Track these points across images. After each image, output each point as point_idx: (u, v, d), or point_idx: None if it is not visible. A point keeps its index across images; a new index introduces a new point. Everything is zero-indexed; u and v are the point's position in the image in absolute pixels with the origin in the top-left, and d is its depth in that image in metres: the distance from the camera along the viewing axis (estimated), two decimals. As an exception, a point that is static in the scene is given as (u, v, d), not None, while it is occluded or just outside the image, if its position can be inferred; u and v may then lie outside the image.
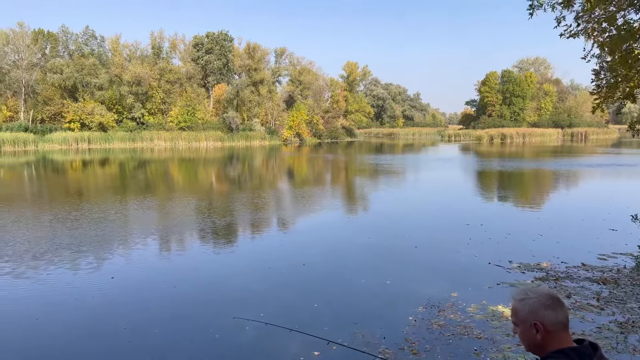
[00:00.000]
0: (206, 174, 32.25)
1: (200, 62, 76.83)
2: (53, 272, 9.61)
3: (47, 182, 27.14)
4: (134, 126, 67.10)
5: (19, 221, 14.83)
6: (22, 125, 59.86)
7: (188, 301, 8.06)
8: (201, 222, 14.53)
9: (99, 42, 73.67)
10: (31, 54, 63.95)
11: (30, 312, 7.55)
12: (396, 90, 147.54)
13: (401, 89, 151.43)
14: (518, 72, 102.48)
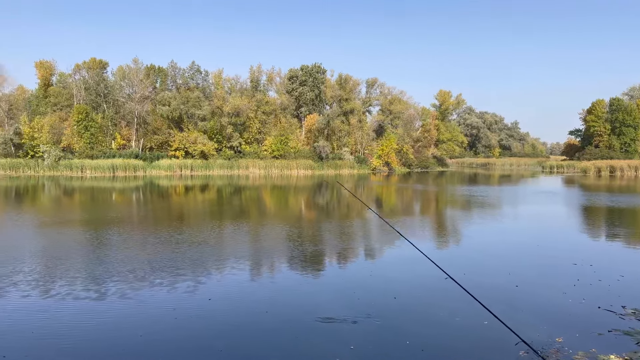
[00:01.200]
0: (296, 202, 32.95)
1: (294, 94, 79.79)
2: (155, 291, 10.19)
3: (153, 206, 29.27)
4: (232, 154, 70.86)
5: (127, 242, 16.05)
6: (133, 152, 65.74)
7: (279, 327, 8.11)
8: (291, 249, 14.74)
9: (203, 76, 79.43)
10: (143, 88, 70.46)
11: (134, 329, 8.02)
12: (492, 118, 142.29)
13: (497, 118, 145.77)
14: (629, 100, 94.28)
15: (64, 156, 61.69)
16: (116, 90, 70.74)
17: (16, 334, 7.77)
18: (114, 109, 69.29)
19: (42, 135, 61.90)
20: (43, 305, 9.23)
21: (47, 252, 14.06)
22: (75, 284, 10.61)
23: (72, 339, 7.57)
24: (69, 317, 8.56)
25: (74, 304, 9.30)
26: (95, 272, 11.66)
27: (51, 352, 7.09)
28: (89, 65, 72.24)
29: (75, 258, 13.23)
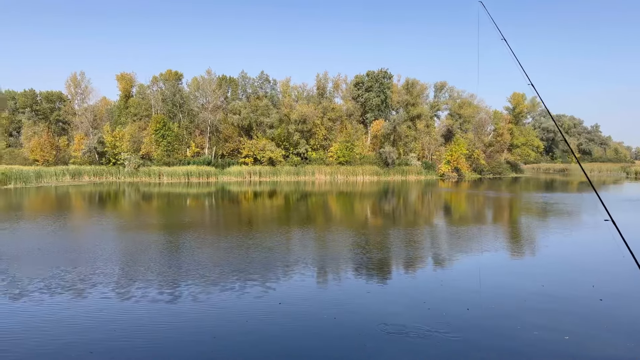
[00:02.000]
0: (362, 208, 32.79)
1: (360, 100, 79.76)
2: (227, 295, 10.47)
3: (224, 211, 30.27)
4: (299, 161, 71.94)
5: (200, 246, 16.68)
6: (206, 159, 68.55)
7: (348, 334, 8.04)
8: (358, 256, 14.64)
9: (272, 85, 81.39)
10: (216, 98, 73.32)
11: (207, 332, 8.28)
12: (570, 122, 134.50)
13: (576, 121, 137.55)
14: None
15: (143, 163, 65.48)
16: (191, 101, 74.16)
17: (100, 332, 8.26)
18: (189, 118, 72.63)
19: (123, 143, 66.10)
20: (122, 306, 9.76)
21: (126, 255, 14.91)
22: (151, 286, 11.14)
23: (148, 339, 7.93)
24: (146, 318, 8.99)
25: (150, 305, 9.75)
26: (169, 275, 12.19)
27: (130, 351, 7.46)
28: (165, 77, 76.29)
29: (152, 261, 13.91)
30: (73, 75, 75.27)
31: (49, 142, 69.45)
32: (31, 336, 8.03)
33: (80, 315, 9.08)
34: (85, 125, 71.29)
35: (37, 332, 8.21)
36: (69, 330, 8.31)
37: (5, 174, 50.60)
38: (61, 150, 70.73)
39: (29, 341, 7.81)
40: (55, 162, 67.48)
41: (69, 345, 7.64)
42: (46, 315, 9.09)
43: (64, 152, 70.50)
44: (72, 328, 8.43)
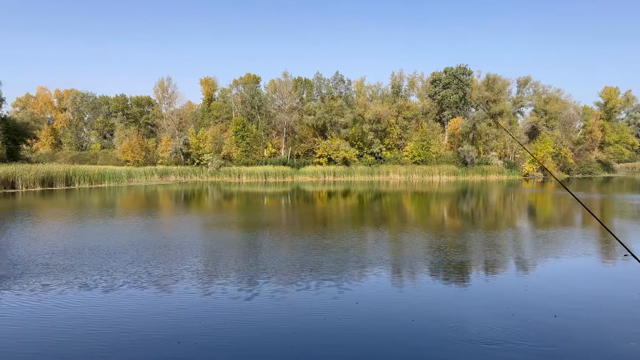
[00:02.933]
0: (438, 208, 31.94)
1: (437, 97, 77.83)
2: (304, 293, 10.62)
3: (299, 210, 30.78)
4: (373, 160, 71.57)
5: (277, 244, 17.07)
6: (282, 159, 70.21)
7: (425, 338, 7.85)
8: (436, 257, 14.27)
9: (346, 85, 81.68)
10: (292, 99, 74.83)
11: (288, 326, 8.44)
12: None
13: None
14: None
15: (224, 164, 68.34)
16: (268, 103, 76.31)
17: (185, 327, 8.69)
18: (266, 120, 74.76)
19: (206, 145, 69.38)
20: (204, 300, 10.20)
21: (209, 251, 15.58)
22: (230, 283, 11.55)
23: (230, 333, 8.22)
24: (228, 314, 9.32)
25: (231, 302, 10.10)
26: (248, 272, 12.58)
27: (215, 344, 7.77)
28: (244, 81, 79.06)
29: (232, 258, 14.44)
30: (161, 80, 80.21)
31: (138, 144, 74.40)
32: (119, 328, 8.61)
33: (166, 309, 9.60)
34: (172, 128, 75.58)
35: (125, 324, 8.78)
36: (155, 323, 8.81)
37: (100, 174, 54.91)
38: (150, 151, 75.52)
39: (116, 333, 8.38)
40: (145, 163, 72.17)
41: (155, 337, 8.09)
42: (134, 308, 9.71)
43: (153, 153, 75.20)
44: (157, 321, 8.93)
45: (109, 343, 7.75)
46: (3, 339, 7.98)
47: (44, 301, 9.98)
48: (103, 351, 7.43)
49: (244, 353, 7.37)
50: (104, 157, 79.79)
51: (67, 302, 9.94)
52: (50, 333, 8.20)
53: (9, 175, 44.61)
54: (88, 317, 9.00)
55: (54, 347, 7.61)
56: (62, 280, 11.63)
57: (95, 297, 10.28)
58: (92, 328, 8.41)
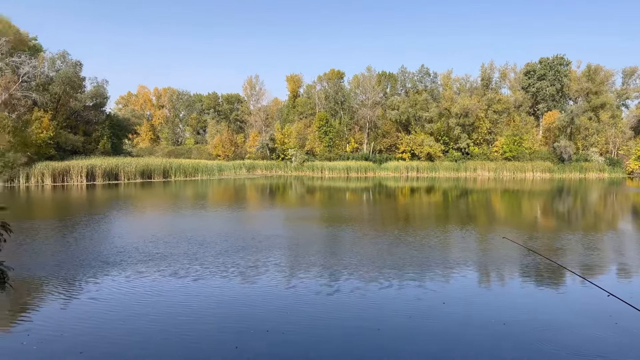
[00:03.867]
0: (531, 208, 30.07)
1: (531, 90, 73.42)
2: (386, 291, 10.44)
3: (381, 206, 30.47)
4: (459, 156, 69.12)
5: (359, 241, 17.01)
6: (363, 155, 70.00)
7: (517, 346, 7.38)
8: (526, 259, 13.40)
9: (432, 79, 79.51)
10: (375, 94, 74.26)
11: (371, 323, 8.37)
12: None
13: None
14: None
15: (307, 158, 69.53)
16: (351, 98, 76.37)
17: (272, 319, 8.88)
18: (349, 115, 74.89)
19: (291, 140, 70.98)
20: (287, 294, 10.37)
21: (292, 244, 15.87)
22: (313, 277, 11.64)
23: (314, 329, 8.27)
24: (309, 309, 9.40)
25: (312, 297, 10.18)
26: (330, 267, 12.61)
27: (302, 336, 7.87)
28: (328, 77, 79.72)
29: (314, 252, 14.58)
30: (249, 78, 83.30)
31: (228, 140, 77.84)
32: (205, 316, 8.98)
33: (251, 300, 9.89)
34: (259, 124, 78.20)
35: (214, 312, 9.16)
36: (241, 312, 9.10)
37: (194, 167, 58.21)
38: (238, 146, 78.73)
39: (203, 320, 8.75)
40: (234, 157, 75.39)
41: (242, 326, 8.35)
42: (221, 297, 10.10)
43: (241, 148, 78.34)
44: (244, 311, 9.22)
45: (197, 330, 8.12)
46: (107, 321, 8.65)
47: (138, 288, 10.70)
48: (192, 339, 7.79)
49: (330, 348, 7.38)
50: (197, 151, 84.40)
51: (160, 289, 10.58)
52: (146, 319, 8.76)
53: (113, 168, 48.68)
54: (178, 305, 9.50)
55: (147, 332, 8.12)
56: (156, 267, 12.41)
57: (186, 285, 10.84)
58: (183, 316, 8.87)
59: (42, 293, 10.20)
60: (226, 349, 7.27)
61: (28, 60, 51.02)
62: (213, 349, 7.31)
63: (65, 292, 10.24)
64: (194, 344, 7.46)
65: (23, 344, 7.37)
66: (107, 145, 62.78)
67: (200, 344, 7.49)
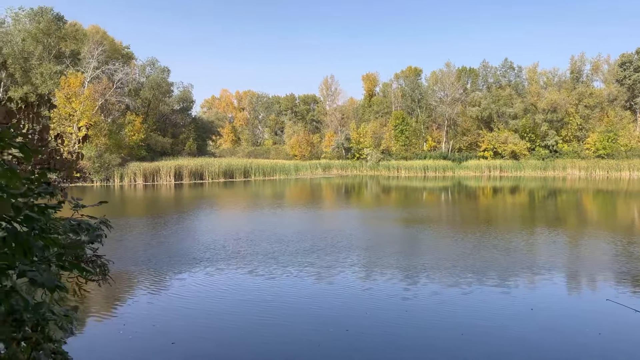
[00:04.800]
0: (628, 210, 27.66)
1: (627, 82, 67.58)
2: (471, 294, 10.07)
3: (461, 207, 29.47)
4: (547, 154, 65.17)
5: (437, 243, 16.58)
6: (442, 153, 68.09)
7: (617, 354, 6.83)
8: (621, 266, 12.30)
9: (516, 73, 75.65)
10: (454, 90, 71.94)
11: (456, 327, 8.15)
12: None
13: None
14: None
15: (383, 158, 68.93)
16: (429, 95, 74.63)
17: (351, 315, 8.89)
18: (427, 113, 73.24)
19: (366, 139, 70.71)
20: (364, 296, 10.32)
21: (368, 245, 15.77)
22: (390, 280, 11.49)
23: (392, 332, 8.17)
24: (386, 312, 9.30)
25: (389, 300, 10.06)
26: (407, 269, 12.38)
27: (382, 336, 7.81)
28: (405, 74, 78.50)
29: (391, 253, 14.40)
30: (325, 79, 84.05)
31: (305, 140, 79.08)
32: (286, 315, 9.16)
33: (330, 300, 9.96)
34: (335, 124, 78.74)
35: (290, 311, 9.32)
36: (320, 312, 9.19)
37: (272, 167, 59.84)
38: (315, 146, 79.74)
39: (283, 319, 8.92)
40: (310, 157, 76.45)
41: (322, 326, 8.43)
42: (299, 296, 10.26)
43: (317, 148, 79.29)
44: (323, 310, 9.30)
45: (281, 327, 8.32)
46: (195, 315, 9.10)
47: (223, 284, 11.16)
48: (276, 337, 7.99)
49: (413, 353, 7.25)
50: (275, 152, 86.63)
51: (242, 286, 10.96)
52: (231, 315, 9.12)
53: (198, 168, 51.26)
54: (261, 303, 9.78)
55: (231, 328, 8.44)
56: (236, 265, 12.87)
57: (269, 283, 11.15)
58: (267, 314, 9.12)
59: (135, 286, 10.95)
60: (309, 347, 7.38)
61: (121, 68, 55.06)
62: (297, 346, 7.45)
63: (156, 285, 10.91)
64: (278, 341, 7.65)
65: (120, 332, 7.94)
66: (192, 146, 66.26)
67: (284, 341, 7.66)
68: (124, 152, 50.02)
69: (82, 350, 6.98)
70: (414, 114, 73.98)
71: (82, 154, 3.78)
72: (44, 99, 3.43)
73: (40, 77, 50.70)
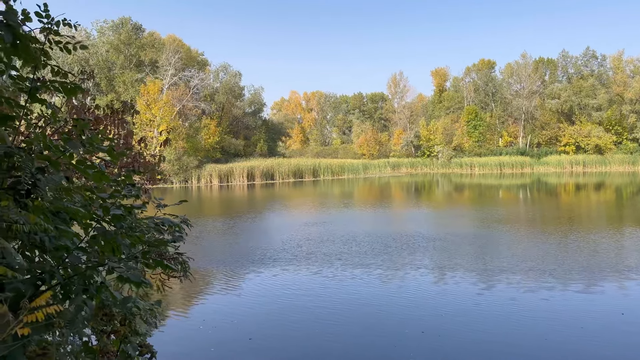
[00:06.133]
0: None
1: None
2: (548, 299, 9.52)
3: (541, 205, 27.93)
4: (635, 148, 60.31)
5: (517, 243, 15.81)
6: (519, 149, 64.91)
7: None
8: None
9: (600, 62, 70.64)
10: (531, 82, 68.41)
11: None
12: None
13: None
14: None
15: (454, 155, 66.93)
16: (504, 88, 71.54)
17: (430, 315, 8.72)
18: (502, 107, 70.25)
19: (437, 136, 69.00)
20: (437, 298, 10.05)
21: (441, 245, 15.34)
22: (464, 282, 11.10)
23: (469, 335, 7.90)
24: (463, 316, 9.00)
25: (466, 303, 9.73)
26: (484, 272, 11.90)
27: (460, 335, 7.59)
28: (478, 67, 75.78)
29: (465, 254, 13.91)
30: (393, 76, 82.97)
31: (373, 138, 78.56)
32: (354, 313, 9.12)
33: (405, 301, 9.80)
34: (403, 121, 77.59)
35: (359, 310, 9.27)
36: (394, 312, 9.07)
37: (341, 167, 60.04)
38: (383, 144, 79.02)
39: (350, 316, 8.89)
40: (378, 156, 75.87)
41: (398, 326, 8.32)
42: (372, 297, 10.18)
43: (385, 146, 78.51)
44: (397, 311, 9.18)
45: (353, 326, 8.31)
46: (269, 312, 9.32)
47: (296, 283, 11.33)
48: (351, 337, 7.99)
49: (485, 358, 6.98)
50: (343, 151, 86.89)
51: (313, 287, 11.07)
52: (304, 314, 9.24)
53: (269, 168, 52.56)
54: (335, 304, 9.83)
55: (305, 328, 8.55)
56: (309, 265, 13.02)
57: (336, 283, 11.18)
58: (336, 314, 9.15)
59: (212, 283, 11.39)
60: (385, 348, 7.31)
61: (197, 74, 57.64)
62: (370, 347, 7.40)
63: (232, 283, 11.30)
64: (351, 342, 7.64)
65: (200, 327, 8.29)
66: (263, 148, 68.00)
67: (358, 343, 7.65)
68: (200, 155, 52.33)
69: (164, 343, 7.35)
70: (488, 108, 71.22)
71: (164, 157, 3.97)
72: (127, 105, 3.64)
73: (122, 85, 54.30)
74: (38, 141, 2.67)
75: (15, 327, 1.56)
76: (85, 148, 2.54)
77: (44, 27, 3.30)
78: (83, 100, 9.38)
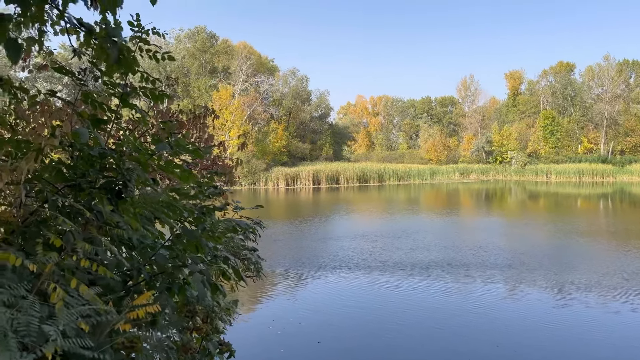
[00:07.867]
0: None
1: None
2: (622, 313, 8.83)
3: (625, 216, 25.97)
4: None
5: (598, 256, 14.82)
6: (600, 156, 60.82)
7: None
8: None
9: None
10: (615, 86, 64.01)
11: (616, 354, 7.21)
12: None
13: None
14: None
15: (529, 161, 63.85)
16: (584, 92, 67.47)
17: (500, 329, 8.37)
18: (581, 112, 66.25)
19: (510, 142, 66.17)
20: (511, 311, 9.61)
21: (513, 257, 14.65)
22: (540, 297, 10.57)
23: (547, 340, 7.49)
24: (540, 332, 8.55)
25: (543, 319, 9.24)
26: (559, 286, 11.25)
27: (534, 349, 7.23)
28: (555, 70, 72.04)
29: (539, 266, 13.21)
30: (463, 79, 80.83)
31: (441, 143, 76.81)
32: (422, 324, 8.89)
33: (479, 311, 9.46)
34: (474, 126, 75.23)
35: (426, 321, 9.03)
36: (467, 323, 8.76)
37: (407, 172, 59.10)
38: (452, 150, 77.02)
39: (417, 327, 8.67)
40: (447, 162, 74.02)
41: (473, 338, 8.04)
42: (437, 305, 9.90)
43: (454, 151, 76.46)
44: (470, 321, 8.87)
45: (416, 338, 8.13)
46: (338, 317, 9.33)
47: (356, 288, 11.26)
48: (424, 346, 7.83)
49: None
50: (409, 156, 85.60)
51: (381, 292, 10.95)
52: (374, 320, 9.16)
53: (335, 172, 52.81)
54: (397, 310, 9.67)
55: (373, 334, 8.47)
56: (377, 271, 12.89)
57: (404, 291, 10.99)
58: (406, 324, 8.99)
59: (282, 285, 11.56)
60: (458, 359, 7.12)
61: (266, 80, 59.18)
62: (446, 355, 7.22)
63: (300, 286, 11.44)
64: (418, 349, 7.48)
65: (270, 328, 8.43)
66: (329, 152, 68.47)
67: (427, 349, 7.47)
68: (268, 158, 53.59)
69: (235, 342, 7.52)
70: (566, 113, 67.41)
71: (241, 160, 4.08)
72: (209, 110, 3.78)
73: (197, 91, 56.84)
74: (128, 143, 2.82)
75: (117, 322, 1.64)
76: (173, 149, 2.65)
77: (135, 35, 3.50)
78: (168, 105, 9.91)
